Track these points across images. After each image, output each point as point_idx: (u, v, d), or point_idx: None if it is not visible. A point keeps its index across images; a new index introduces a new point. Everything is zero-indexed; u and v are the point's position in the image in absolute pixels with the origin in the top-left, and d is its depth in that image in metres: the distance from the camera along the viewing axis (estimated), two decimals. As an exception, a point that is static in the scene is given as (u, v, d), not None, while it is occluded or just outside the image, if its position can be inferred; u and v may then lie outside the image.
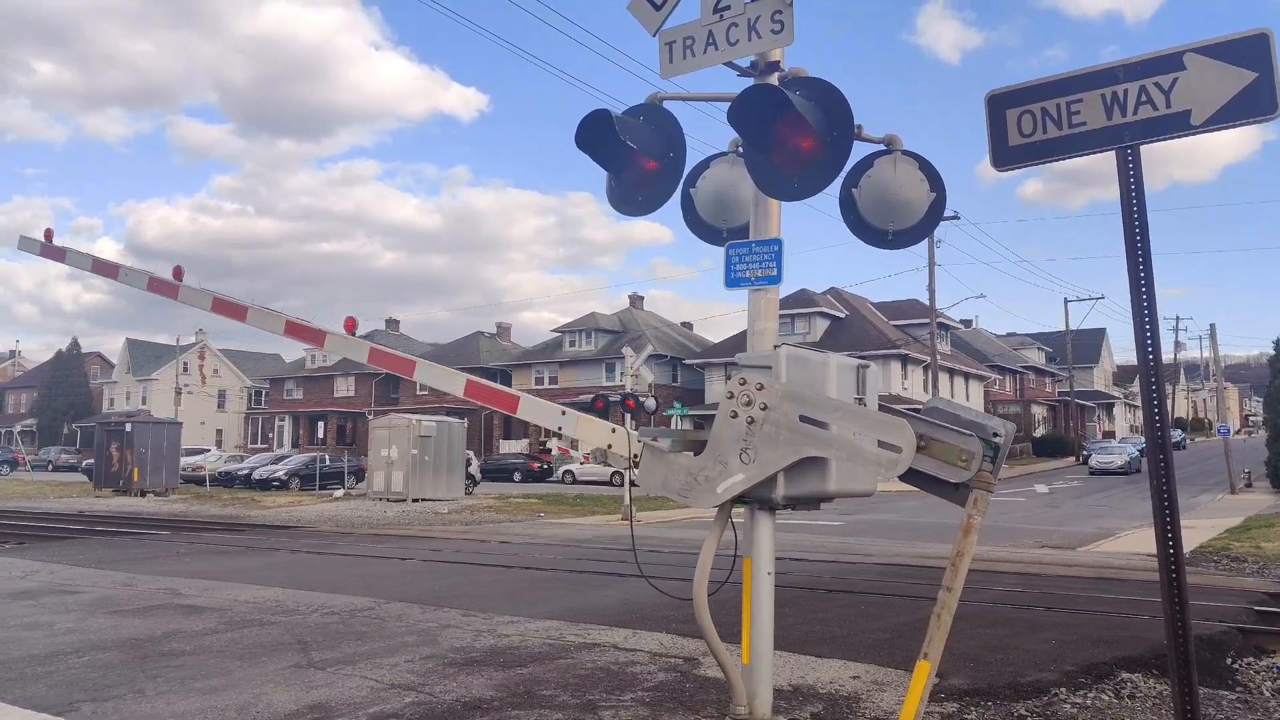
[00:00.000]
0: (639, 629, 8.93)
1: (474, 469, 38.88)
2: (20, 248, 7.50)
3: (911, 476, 4.31)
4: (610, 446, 4.84)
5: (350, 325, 5.88)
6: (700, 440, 4.54)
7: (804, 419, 4.07)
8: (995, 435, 4.36)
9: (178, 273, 6.42)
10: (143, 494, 35.74)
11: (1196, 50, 4.69)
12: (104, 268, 6.91)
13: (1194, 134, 4.66)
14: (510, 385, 67.23)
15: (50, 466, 67.71)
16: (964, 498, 4.45)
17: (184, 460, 43.29)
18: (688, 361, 61.79)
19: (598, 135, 5.04)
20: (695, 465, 4.44)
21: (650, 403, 23.38)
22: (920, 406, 4.52)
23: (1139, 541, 18.97)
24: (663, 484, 4.53)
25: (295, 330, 6.02)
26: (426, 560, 15.56)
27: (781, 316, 5.79)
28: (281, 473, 43.75)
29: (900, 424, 3.90)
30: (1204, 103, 4.63)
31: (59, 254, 7.16)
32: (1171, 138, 4.76)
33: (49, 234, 7.23)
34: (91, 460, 42.86)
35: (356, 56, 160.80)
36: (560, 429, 4.99)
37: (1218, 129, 4.63)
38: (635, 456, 4.67)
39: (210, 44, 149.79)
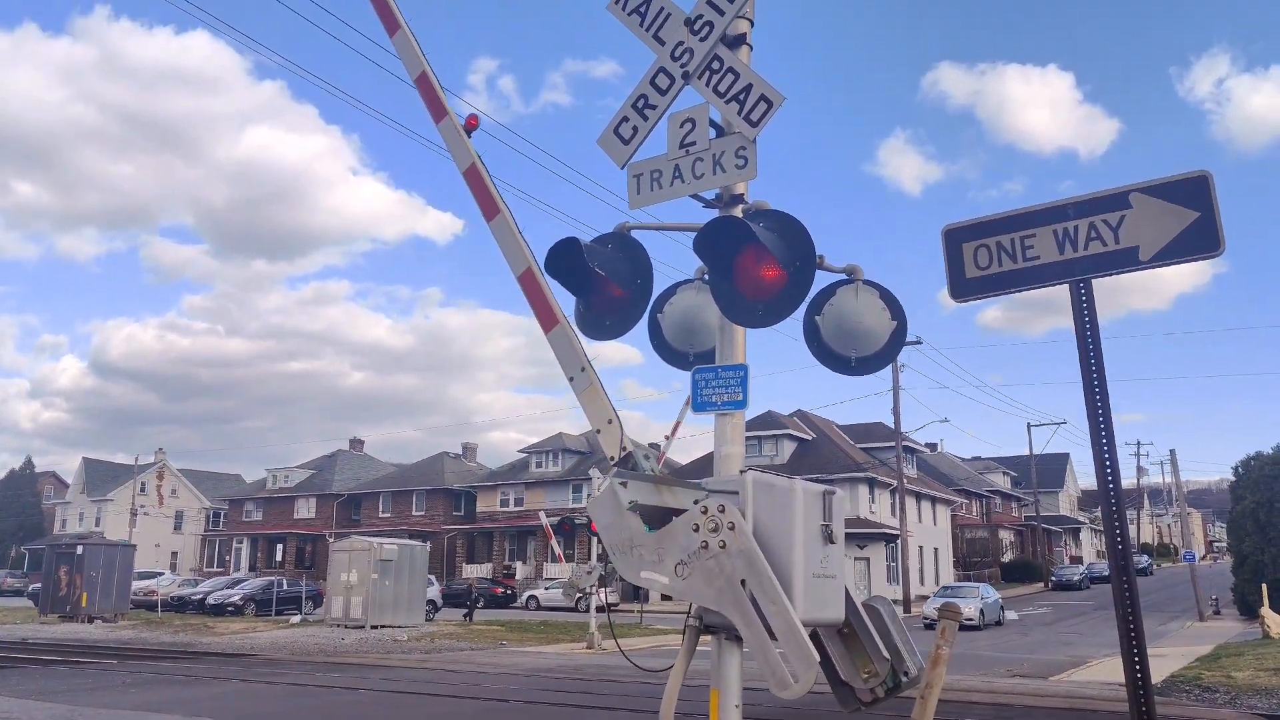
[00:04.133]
0: (603, 764, 8.61)
1: (435, 594, 37.91)
2: None
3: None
4: (599, 431, 4.74)
5: (473, 123, 5.34)
6: (670, 511, 4.36)
7: (744, 584, 4.00)
8: (905, 674, 4.45)
9: None
10: (90, 620, 34.38)
11: (1142, 190, 4.90)
12: None
13: (1142, 269, 4.83)
14: (475, 507, 66.32)
15: (-6, 590, 65.23)
16: (844, 699, 4.45)
17: (136, 584, 41.86)
18: (655, 484, 61.31)
19: (567, 261, 5.12)
20: (639, 536, 4.26)
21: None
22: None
23: (1110, 670, 18.71)
24: (607, 527, 4.39)
25: (424, 84, 5.43)
26: (382, 690, 15.02)
27: (749, 438, 5.77)
28: (237, 597, 42.39)
29: (811, 661, 3.82)
30: (1150, 239, 4.81)
31: None
32: (1121, 272, 4.92)
33: None
34: (39, 584, 41.33)
35: (335, 181, 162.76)
36: (571, 379, 4.87)
37: (1164, 264, 4.80)
38: (613, 459, 4.57)
39: (191, 168, 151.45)
